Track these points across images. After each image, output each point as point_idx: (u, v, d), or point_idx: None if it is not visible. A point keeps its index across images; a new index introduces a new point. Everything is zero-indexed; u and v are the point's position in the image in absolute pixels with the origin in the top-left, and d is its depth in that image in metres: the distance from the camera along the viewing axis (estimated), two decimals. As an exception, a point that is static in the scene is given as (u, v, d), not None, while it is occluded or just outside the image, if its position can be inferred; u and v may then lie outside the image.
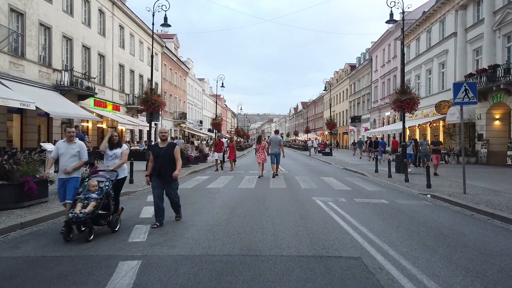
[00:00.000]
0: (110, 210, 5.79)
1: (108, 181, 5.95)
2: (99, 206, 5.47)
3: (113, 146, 6.53)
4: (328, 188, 11.27)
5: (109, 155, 6.50)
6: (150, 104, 15.45)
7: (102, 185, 5.84)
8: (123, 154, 6.51)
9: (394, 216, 7.13)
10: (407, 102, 14.97)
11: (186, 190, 10.69)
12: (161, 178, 6.36)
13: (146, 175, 6.62)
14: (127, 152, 6.63)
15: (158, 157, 6.35)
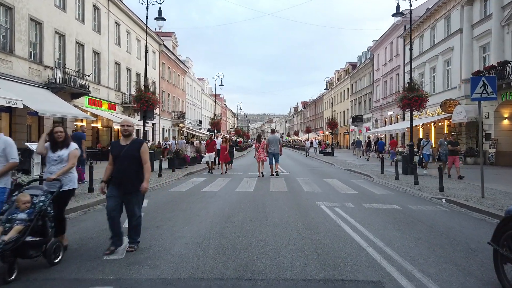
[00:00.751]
0: (47, 235, 4.25)
1: (45, 194, 4.42)
2: (27, 230, 3.97)
3: (57, 146, 4.91)
4: (333, 191, 10.46)
5: (52, 158, 4.90)
6: (143, 102, 14.64)
7: (36, 201, 4.31)
8: (70, 156, 4.91)
9: (411, 225, 6.32)
10: (415, 100, 14.17)
11: (179, 194, 9.89)
12: (120, 187, 4.77)
13: (102, 181, 4.98)
14: (76, 154, 5.03)
15: (118, 158, 4.82)
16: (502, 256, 3.70)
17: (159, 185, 11.76)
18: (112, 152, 4.96)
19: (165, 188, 11.20)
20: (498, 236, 3.80)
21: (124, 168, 4.76)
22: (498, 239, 3.79)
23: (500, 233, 3.79)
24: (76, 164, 5.16)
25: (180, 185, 11.74)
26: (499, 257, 3.75)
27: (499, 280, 3.71)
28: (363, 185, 11.88)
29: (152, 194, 9.82)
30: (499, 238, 3.79)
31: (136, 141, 4.98)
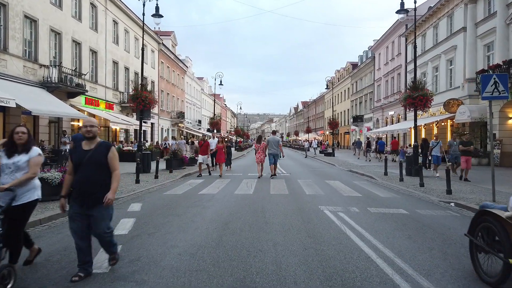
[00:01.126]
0: None
1: None
2: None
3: (14, 150, 4.03)
4: (336, 194, 10.04)
5: (6, 165, 4.00)
6: (140, 101, 14.21)
7: None
8: (31, 163, 4.03)
9: (421, 232, 5.89)
10: (419, 99, 13.74)
11: (175, 197, 9.46)
12: (83, 201, 3.90)
13: (61, 196, 4.05)
14: (39, 161, 4.13)
15: (81, 166, 3.91)
16: (477, 246, 4.14)
17: (155, 187, 11.34)
18: (72, 159, 4.04)
19: (161, 190, 10.78)
20: (473, 228, 4.25)
21: (88, 177, 3.87)
22: (473, 231, 4.23)
23: (475, 225, 4.23)
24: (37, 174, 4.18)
25: (177, 187, 11.32)
26: (474, 247, 4.19)
27: (474, 268, 4.11)
28: (366, 187, 11.45)
29: (147, 197, 9.41)
30: (474, 230, 4.23)
31: (103, 145, 4.07)
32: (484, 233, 4.06)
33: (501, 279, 3.68)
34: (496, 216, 3.83)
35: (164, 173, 14.91)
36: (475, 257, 4.15)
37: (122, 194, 9.53)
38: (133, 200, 8.86)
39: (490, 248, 3.92)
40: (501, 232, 3.73)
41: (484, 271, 3.95)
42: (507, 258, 3.58)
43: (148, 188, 10.98)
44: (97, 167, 3.93)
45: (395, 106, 37.47)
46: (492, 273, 3.86)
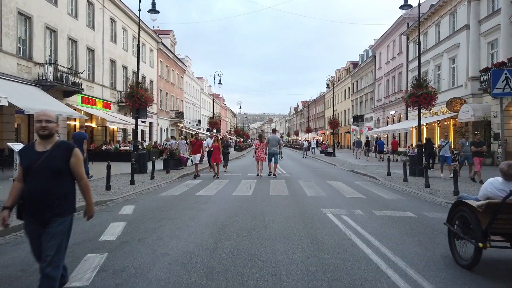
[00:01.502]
0: None
1: None
2: None
3: None
4: (338, 195, 9.63)
5: None
6: (135, 99, 13.80)
7: None
8: None
9: (431, 237, 5.48)
10: (423, 97, 13.33)
11: (170, 198, 9.05)
12: (36, 216, 3.08)
13: (4, 207, 3.12)
14: None
15: (32, 172, 3.08)
16: (454, 234, 4.55)
17: (150, 188, 10.92)
18: (22, 163, 3.19)
19: (156, 191, 10.36)
20: (450, 217, 4.67)
21: (41, 187, 3.04)
22: (451, 220, 4.64)
23: (452, 215, 4.65)
24: None
25: (173, 189, 10.90)
26: (452, 235, 4.61)
27: (452, 253, 4.52)
28: (370, 188, 11.03)
29: (141, 199, 8.99)
30: (451, 219, 4.64)
31: (62, 145, 3.20)
32: (460, 222, 4.47)
33: (473, 262, 4.11)
34: (469, 206, 4.23)
35: (161, 174, 14.49)
36: (452, 244, 4.57)
37: (115, 196, 9.11)
38: (126, 202, 8.45)
39: (464, 235, 4.32)
40: (473, 219, 4.15)
41: (460, 256, 4.36)
42: (478, 242, 3.99)
43: (143, 189, 10.56)
44: (53, 174, 3.07)
45: (396, 106, 37.07)
46: (466, 257, 4.26)
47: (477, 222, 4.09)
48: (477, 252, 4.04)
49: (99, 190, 9.83)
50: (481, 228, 4.04)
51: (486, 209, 4.04)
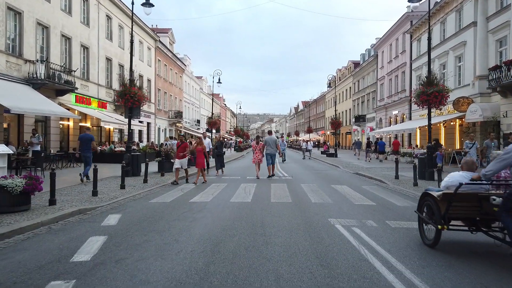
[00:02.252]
0: None
1: None
2: None
3: None
4: (346, 202, 8.82)
5: None
6: (128, 97, 13.00)
7: None
8: None
9: (462, 257, 4.68)
10: (434, 96, 12.53)
11: (162, 206, 8.24)
12: None
13: None
14: None
15: None
16: (422, 220, 5.33)
17: (142, 193, 10.12)
18: None
19: (147, 197, 9.56)
20: (419, 206, 5.48)
21: None
22: (420, 208, 5.44)
23: (420, 204, 5.46)
24: None
25: (166, 194, 10.10)
26: (420, 221, 5.44)
27: (420, 236, 5.37)
28: (378, 194, 10.23)
29: (129, 206, 8.19)
30: (420, 207, 5.44)
31: None
32: (427, 209, 5.28)
33: (435, 242, 4.99)
34: (432, 196, 5.06)
35: (155, 177, 13.70)
36: (421, 228, 5.45)
37: (101, 203, 8.31)
38: (113, 211, 7.65)
39: (429, 220, 5.11)
40: (435, 207, 4.95)
41: (426, 237, 5.23)
42: (437, 225, 4.80)
43: (133, 194, 9.76)
44: None
45: (399, 105, 36.29)
46: (430, 238, 5.11)
47: (438, 209, 4.91)
48: (437, 233, 4.94)
49: (85, 196, 9.03)
50: (440, 214, 4.84)
51: (443, 198, 4.87)
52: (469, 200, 4.82)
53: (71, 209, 7.29)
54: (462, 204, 4.86)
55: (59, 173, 14.46)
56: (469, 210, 4.90)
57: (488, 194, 4.65)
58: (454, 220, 5.04)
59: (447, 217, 4.85)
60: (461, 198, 4.78)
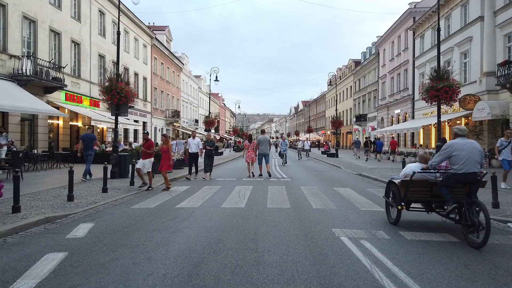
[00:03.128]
0: None
1: None
2: None
3: None
4: (351, 208, 7.88)
5: None
6: (114, 93, 12.06)
7: None
8: None
9: (497, 280, 3.75)
10: (444, 91, 11.59)
11: (144, 212, 7.30)
12: None
13: None
14: None
15: None
16: (389, 203, 6.57)
17: (125, 197, 9.18)
18: None
19: (131, 202, 8.62)
20: (386, 192, 6.76)
21: None
22: (387, 194, 6.71)
23: (386, 190, 6.77)
24: None
25: (152, 198, 9.15)
26: (387, 204, 6.68)
27: (387, 217, 6.58)
28: (386, 198, 9.28)
29: (107, 213, 7.25)
30: (387, 193, 6.72)
31: None
32: (391, 195, 6.47)
33: (396, 220, 6.21)
34: (394, 183, 6.27)
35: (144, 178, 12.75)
36: (388, 210, 6.59)
37: (76, 209, 7.37)
38: (86, 219, 6.71)
39: (393, 203, 6.31)
40: (396, 192, 6.17)
41: (391, 217, 6.38)
42: (398, 206, 6.04)
43: (116, 199, 8.82)
44: None
45: (401, 104, 35.36)
46: (393, 217, 6.29)
47: (398, 193, 6.03)
48: (398, 213, 6.09)
49: (60, 201, 8.09)
50: (400, 197, 5.96)
51: (401, 184, 5.96)
52: (422, 185, 5.98)
53: (37, 218, 6.35)
54: (417, 189, 6.01)
55: (41, 175, 13.61)
56: (422, 194, 6.06)
57: (436, 181, 5.87)
58: (414, 203, 6.34)
59: (407, 200, 6.10)
60: (416, 184, 5.96)
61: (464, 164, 5.30)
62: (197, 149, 13.86)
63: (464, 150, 5.35)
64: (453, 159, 5.40)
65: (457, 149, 5.38)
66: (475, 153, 5.38)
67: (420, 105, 31.14)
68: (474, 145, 5.46)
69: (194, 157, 13.91)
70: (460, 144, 5.42)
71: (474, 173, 5.35)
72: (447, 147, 5.48)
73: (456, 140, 5.54)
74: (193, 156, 13.89)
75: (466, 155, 5.32)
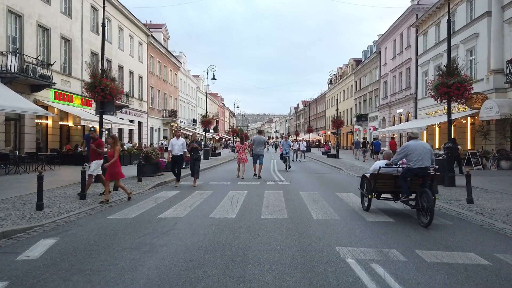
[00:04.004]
0: None
1: None
2: None
3: None
4: (356, 218, 6.97)
5: None
6: (98, 90, 11.14)
7: None
8: None
9: None
10: (456, 87, 10.67)
11: (119, 224, 6.38)
12: None
13: None
14: None
15: None
16: (363, 194, 7.83)
17: (104, 206, 8.25)
18: None
19: (109, 210, 7.70)
20: (361, 184, 7.94)
21: None
22: (362, 186, 7.88)
23: (361, 183, 7.92)
24: None
25: (134, 206, 8.23)
26: (361, 195, 7.95)
27: (362, 205, 7.87)
28: (394, 205, 8.36)
29: (76, 226, 6.31)
30: (361, 185, 7.90)
31: None
32: (365, 186, 7.70)
33: (368, 207, 7.54)
34: (366, 176, 7.63)
35: (131, 182, 11.84)
36: (362, 199, 7.95)
37: (43, 220, 6.46)
38: (51, 233, 5.80)
39: (366, 194, 7.59)
40: (367, 183, 7.53)
41: (364, 205, 7.71)
42: (368, 195, 7.39)
43: (93, 206, 7.91)
44: None
45: (404, 104, 34.44)
46: (366, 205, 7.61)
47: (369, 185, 7.46)
48: (369, 201, 7.53)
49: (27, 210, 7.18)
50: (370, 187, 7.42)
51: (371, 177, 7.46)
52: (387, 178, 7.32)
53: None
54: (383, 181, 7.34)
55: (22, 178, 12.56)
56: (388, 185, 7.37)
57: (398, 174, 7.13)
58: (384, 194, 7.67)
59: (377, 191, 7.48)
60: (382, 177, 7.30)
61: (417, 161, 6.59)
62: (181, 151, 12.05)
63: (416, 150, 6.61)
64: (409, 157, 6.71)
65: (411, 149, 6.66)
66: (425, 152, 6.66)
67: (424, 104, 30.23)
68: (424, 145, 6.81)
69: (177, 161, 11.97)
70: (413, 145, 6.69)
71: (425, 168, 6.63)
72: (404, 148, 6.82)
73: (410, 142, 6.82)
74: (176, 159, 11.95)
75: (418, 154, 6.59)
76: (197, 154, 12.07)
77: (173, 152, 11.99)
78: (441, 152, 13.70)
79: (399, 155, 6.91)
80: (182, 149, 12.14)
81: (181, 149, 12.10)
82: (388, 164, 7.27)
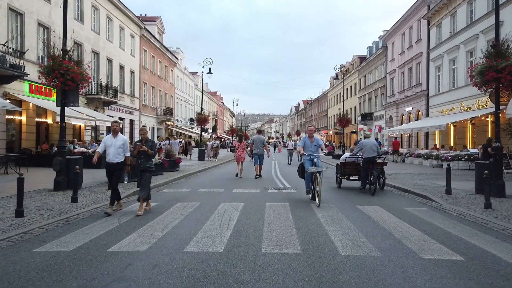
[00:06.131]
0: None
1: None
2: None
3: None
4: (403, 252, 4.70)
5: None
6: (57, 75, 8.87)
7: None
8: None
9: None
10: (508, 72, 8.43)
11: (44, 264, 4.10)
12: None
13: None
14: None
15: None
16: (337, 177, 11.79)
17: (47, 225, 5.97)
18: None
19: (47, 235, 5.43)
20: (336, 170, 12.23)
21: None
22: (336, 171, 12.03)
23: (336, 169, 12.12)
24: None
25: (87, 227, 5.95)
26: (337, 178, 11.85)
27: (336, 183, 11.88)
28: (448, 228, 6.04)
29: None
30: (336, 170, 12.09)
31: None
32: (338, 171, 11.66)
33: (339, 185, 11.54)
34: (338, 164, 11.84)
35: (99, 191, 9.55)
36: (337, 180, 11.67)
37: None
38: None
39: (339, 176, 11.52)
40: (339, 169, 11.51)
41: (338, 184, 11.55)
42: (340, 177, 11.49)
43: (30, 229, 5.65)
44: None
45: (414, 101, 32.16)
46: (338, 184, 11.58)
47: (341, 169, 11.32)
48: (340, 181, 11.47)
49: None
50: (341, 171, 11.29)
51: (341, 164, 11.45)
52: (352, 165, 11.25)
53: None
54: (350, 167, 11.33)
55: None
56: (353, 169, 11.31)
57: (358, 162, 10.91)
58: (352, 176, 11.50)
59: (347, 174, 11.43)
60: (348, 164, 11.33)
61: (367, 152, 10.18)
62: (119, 156, 7.26)
63: (367, 145, 10.23)
64: (363, 150, 10.33)
65: (364, 145, 10.31)
66: (373, 146, 10.26)
67: (436, 101, 27.98)
68: (373, 142, 10.56)
69: (112, 171, 7.30)
70: (366, 142, 10.45)
71: (373, 157, 10.17)
72: (360, 144, 10.55)
73: (364, 140, 10.68)
74: (110, 169, 7.29)
75: (369, 148, 10.21)
76: (147, 161, 7.33)
77: (107, 158, 7.30)
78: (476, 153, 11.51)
79: (357, 149, 10.73)
80: (122, 153, 7.34)
81: (119, 154, 7.29)
82: (352, 155, 11.13)
